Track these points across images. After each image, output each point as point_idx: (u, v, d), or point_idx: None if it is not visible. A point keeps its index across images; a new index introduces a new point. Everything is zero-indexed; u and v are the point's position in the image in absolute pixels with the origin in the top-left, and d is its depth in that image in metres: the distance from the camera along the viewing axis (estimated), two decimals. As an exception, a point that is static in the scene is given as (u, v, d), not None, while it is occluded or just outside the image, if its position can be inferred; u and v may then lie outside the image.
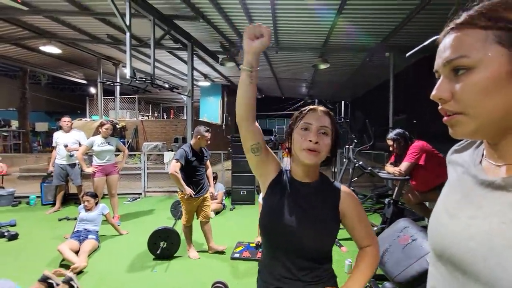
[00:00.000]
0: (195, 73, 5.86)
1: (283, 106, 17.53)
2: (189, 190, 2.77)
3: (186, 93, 5.68)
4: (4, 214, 4.40)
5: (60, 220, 4.20)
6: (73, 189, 5.17)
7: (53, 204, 4.83)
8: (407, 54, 3.79)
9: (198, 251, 3.08)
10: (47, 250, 3.15)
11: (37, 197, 5.16)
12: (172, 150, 7.22)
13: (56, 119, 13.39)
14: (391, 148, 2.87)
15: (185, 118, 13.18)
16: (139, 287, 2.47)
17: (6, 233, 3.45)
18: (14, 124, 10.50)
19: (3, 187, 5.30)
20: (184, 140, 8.86)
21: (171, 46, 6.42)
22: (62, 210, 4.70)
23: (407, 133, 2.83)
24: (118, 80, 9.14)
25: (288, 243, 0.88)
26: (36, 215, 4.50)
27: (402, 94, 6.48)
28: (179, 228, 3.08)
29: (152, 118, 11.59)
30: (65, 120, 4.60)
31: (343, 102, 14.28)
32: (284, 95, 14.52)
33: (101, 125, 3.95)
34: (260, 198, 3.29)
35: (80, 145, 4.46)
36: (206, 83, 10.90)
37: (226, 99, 12.86)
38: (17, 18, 5.86)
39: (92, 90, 12.03)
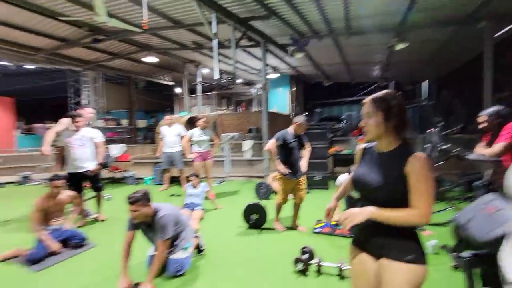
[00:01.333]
0: (265, 67, 6.35)
1: (353, 91, 16.65)
2: (283, 168, 3.16)
3: (260, 87, 6.21)
4: (131, 190, 5.80)
5: (171, 195, 5.33)
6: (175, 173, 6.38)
7: (162, 184, 6.10)
8: None
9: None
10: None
11: (151, 178, 6.57)
12: (247, 140, 7.95)
13: (151, 116, 15.99)
14: (481, 126, 2.68)
15: (255, 110, 14.01)
16: (239, 247, 3.08)
17: (139, 203, 4.64)
18: (123, 122, 13.16)
19: (126, 171, 6.91)
20: (258, 131, 9.58)
21: (245, 45, 7.03)
22: (170, 189, 5.90)
23: (506, 110, 2.59)
24: (200, 79, 10.42)
25: (368, 195, 1.24)
26: (152, 192, 5.77)
27: (501, 70, 5.56)
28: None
29: (228, 112, 12.76)
30: (167, 118, 5.73)
31: (425, 82, 12.76)
32: (353, 80, 13.83)
33: (198, 119, 4.81)
34: (337, 181, 3.56)
35: (181, 136, 5.51)
36: (275, 75, 11.34)
37: (294, 89, 13.08)
38: (129, 37, 7.37)
39: (177, 90, 13.93)
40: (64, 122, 4.10)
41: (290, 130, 3.29)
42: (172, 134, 5.65)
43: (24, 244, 2.96)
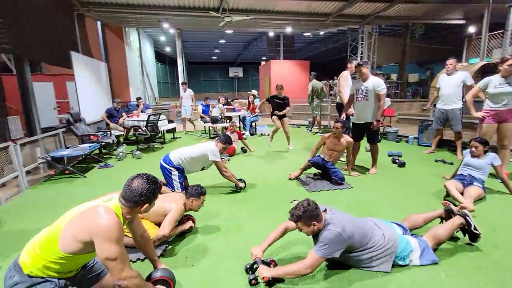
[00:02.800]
0: None
1: None
2: None
3: None
4: (390, 147, 5.56)
5: (436, 161, 4.45)
6: (448, 136, 5.18)
7: (429, 146, 5.22)
8: None
9: None
10: (429, 182, 3.51)
11: (414, 138, 5.87)
12: None
13: (426, 69, 13.82)
14: None
15: None
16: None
17: (397, 161, 4.36)
18: (394, 76, 12.56)
19: (390, 126, 6.68)
20: None
21: None
22: (437, 153, 4.93)
23: None
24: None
25: None
26: (414, 152, 5.16)
27: None
28: None
29: None
30: (449, 63, 4.48)
31: None
32: None
33: (502, 61, 3.29)
34: None
35: (464, 86, 4.19)
36: None
37: None
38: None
39: (470, 29, 10.52)
40: (344, 75, 4.58)
41: None
42: (451, 84, 4.43)
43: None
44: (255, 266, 1.81)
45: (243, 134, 7.39)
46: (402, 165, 4.24)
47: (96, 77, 7.63)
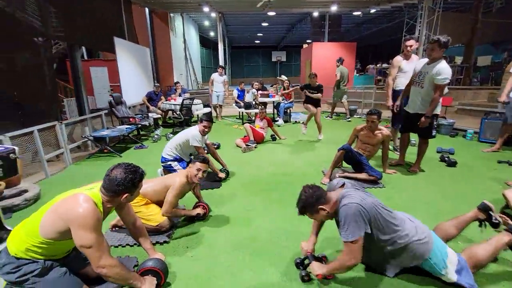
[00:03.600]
0: None
1: None
2: None
3: None
4: (442, 142, 4.82)
5: (499, 162, 3.70)
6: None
7: (492, 143, 4.38)
8: None
9: None
10: (485, 189, 2.93)
11: (475, 132, 4.99)
12: None
13: (503, 49, 11.60)
14: None
15: None
16: None
17: (446, 159, 3.73)
18: (458, 59, 10.81)
19: (444, 117, 5.78)
20: None
21: None
22: (503, 152, 4.11)
23: None
24: None
25: None
26: (471, 149, 4.39)
27: None
28: None
29: None
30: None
31: None
32: None
33: None
34: None
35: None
36: None
37: None
38: None
39: None
40: (395, 60, 3.96)
41: None
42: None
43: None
44: (306, 261, 1.72)
45: (276, 121, 7.17)
46: (452, 164, 3.62)
47: (140, 62, 8.04)
